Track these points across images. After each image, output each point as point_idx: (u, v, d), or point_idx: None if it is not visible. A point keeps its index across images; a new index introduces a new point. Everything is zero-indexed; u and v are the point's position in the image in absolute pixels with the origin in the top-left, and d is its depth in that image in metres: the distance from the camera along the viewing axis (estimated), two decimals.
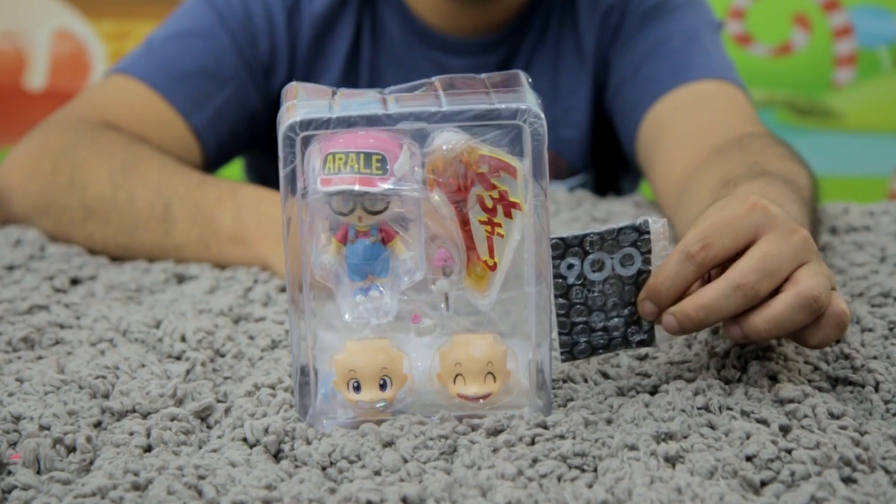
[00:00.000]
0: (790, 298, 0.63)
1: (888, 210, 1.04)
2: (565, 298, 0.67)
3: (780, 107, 2.36)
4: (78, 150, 1.01)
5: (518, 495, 0.57)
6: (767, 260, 0.63)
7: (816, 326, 0.64)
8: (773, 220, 0.65)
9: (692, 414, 0.65)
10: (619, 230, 0.65)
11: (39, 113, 2.58)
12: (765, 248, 0.64)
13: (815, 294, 0.63)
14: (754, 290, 0.63)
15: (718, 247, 0.64)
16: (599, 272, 0.66)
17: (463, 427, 0.64)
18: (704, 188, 0.86)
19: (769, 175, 0.82)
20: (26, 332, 0.80)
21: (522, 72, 0.65)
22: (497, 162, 0.62)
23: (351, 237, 0.63)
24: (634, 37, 1.16)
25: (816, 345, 0.65)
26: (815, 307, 0.63)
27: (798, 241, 0.65)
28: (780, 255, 0.64)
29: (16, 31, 2.39)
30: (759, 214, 0.65)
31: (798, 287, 0.63)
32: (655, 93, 1.11)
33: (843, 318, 0.64)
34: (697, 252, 0.64)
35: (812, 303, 0.63)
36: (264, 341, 0.78)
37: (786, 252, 0.64)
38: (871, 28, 2.33)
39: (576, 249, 0.66)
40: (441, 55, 1.19)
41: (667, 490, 0.57)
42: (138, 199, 0.95)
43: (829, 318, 0.64)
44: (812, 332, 0.64)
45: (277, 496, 0.58)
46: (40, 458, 0.63)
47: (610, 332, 0.68)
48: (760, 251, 0.64)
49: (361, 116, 0.61)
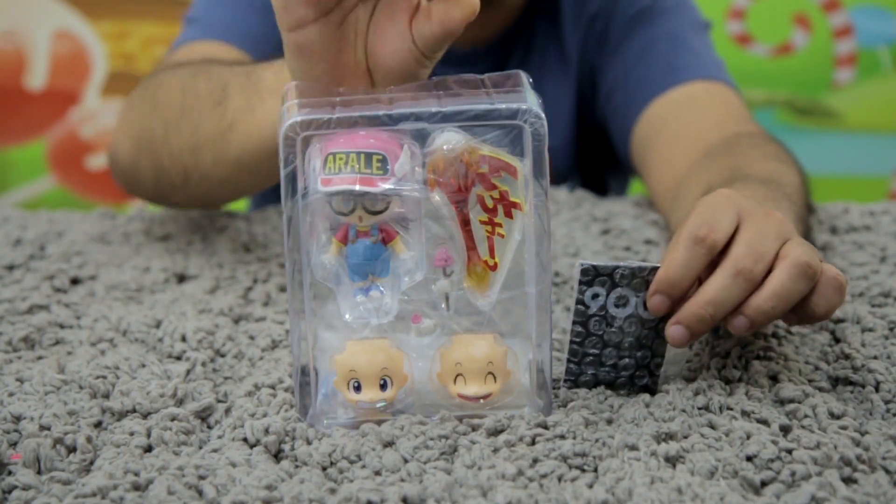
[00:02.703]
0: (785, 269, 0.64)
1: (888, 210, 1.04)
2: (583, 327, 0.67)
3: (780, 107, 2.36)
4: (156, 78, 0.98)
5: (518, 495, 0.57)
6: (755, 243, 0.64)
7: (817, 294, 0.65)
8: (747, 206, 0.67)
9: (693, 414, 0.65)
10: (652, 269, 0.65)
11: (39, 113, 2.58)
12: (749, 233, 0.65)
13: (806, 260, 0.64)
14: (752, 273, 0.64)
15: (721, 228, 0.65)
16: (623, 308, 0.66)
17: (463, 427, 0.64)
18: (691, 196, 0.88)
19: (747, 179, 0.84)
20: (26, 332, 0.80)
21: (523, 72, 0.65)
22: (497, 162, 0.62)
23: (351, 237, 0.64)
24: (622, 43, 1.17)
25: (823, 313, 0.65)
26: (811, 272, 0.64)
27: (775, 221, 0.67)
28: (765, 236, 0.65)
29: (16, 31, 2.39)
30: (734, 201, 0.67)
31: (789, 258, 0.64)
32: (646, 96, 1.11)
33: (840, 280, 0.65)
34: (707, 234, 0.64)
35: (806, 268, 0.64)
36: (265, 341, 0.78)
37: (769, 232, 0.65)
38: (871, 28, 2.33)
39: (604, 279, 0.66)
40: None
41: (667, 490, 0.57)
42: (202, 94, 0.91)
43: (827, 283, 0.65)
44: (815, 301, 0.65)
45: (278, 496, 0.58)
46: (40, 458, 0.63)
47: (619, 370, 0.68)
48: (746, 236, 0.65)
49: (362, 116, 0.61)
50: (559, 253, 0.95)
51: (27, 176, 2.44)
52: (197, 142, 0.90)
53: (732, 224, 0.66)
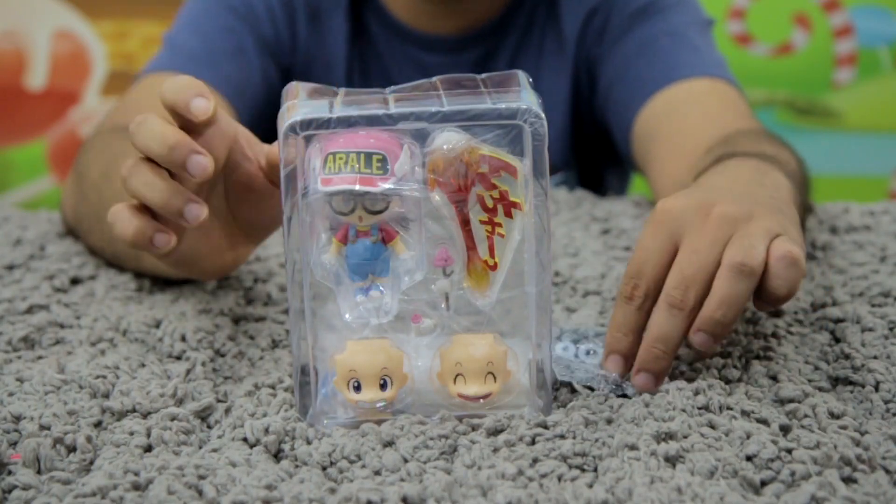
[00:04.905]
0: (722, 276, 0.64)
1: (888, 210, 1.04)
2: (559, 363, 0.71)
3: (780, 107, 2.36)
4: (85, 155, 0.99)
5: (518, 495, 0.57)
6: (684, 268, 0.65)
7: (773, 277, 0.65)
8: (682, 221, 0.67)
9: (692, 414, 0.65)
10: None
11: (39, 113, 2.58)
12: (682, 257, 0.66)
13: (738, 260, 0.64)
14: (683, 302, 0.65)
15: (647, 275, 0.67)
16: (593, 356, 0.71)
17: (463, 427, 0.64)
18: None
19: (735, 155, 0.84)
20: (26, 332, 0.80)
21: (522, 72, 0.65)
22: (497, 162, 0.62)
23: (351, 237, 0.64)
24: (622, 38, 1.16)
25: (786, 293, 0.65)
26: (747, 270, 0.64)
27: (713, 223, 0.66)
28: (697, 256, 0.65)
29: (16, 31, 2.39)
30: (667, 225, 0.67)
31: (724, 262, 0.65)
32: (646, 93, 1.11)
33: (792, 255, 0.65)
34: (631, 292, 0.67)
35: (741, 268, 0.64)
36: (265, 341, 0.78)
37: (702, 247, 0.65)
38: (871, 28, 2.33)
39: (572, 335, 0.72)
40: (418, 52, 1.20)
41: (667, 490, 0.57)
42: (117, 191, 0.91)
43: (778, 263, 0.65)
44: (774, 285, 0.65)
45: (278, 496, 0.58)
46: (40, 458, 0.63)
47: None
48: (678, 263, 0.66)
49: (362, 116, 0.61)
50: (559, 253, 0.95)
51: (27, 176, 2.44)
52: (113, 253, 0.91)
53: (664, 257, 0.67)
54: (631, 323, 0.67)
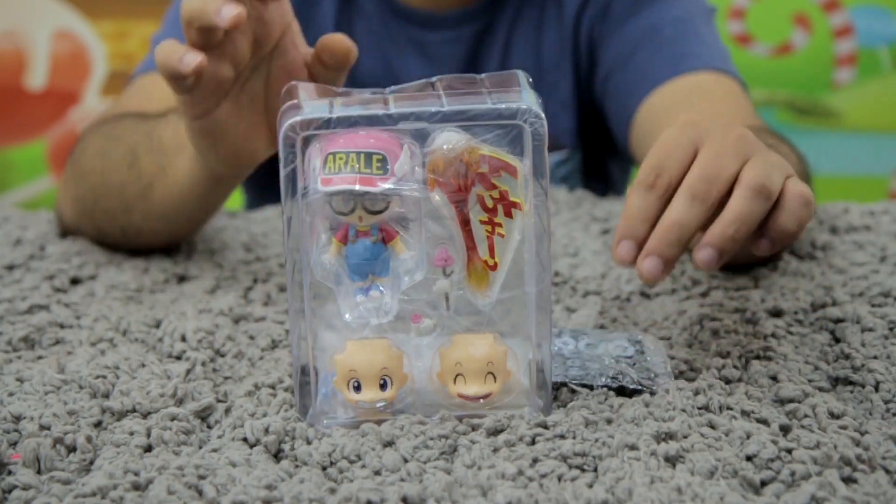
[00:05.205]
0: (740, 192, 0.64)
1: (888, 210, 1.04)
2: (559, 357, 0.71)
3: (780, 107, 2.36)
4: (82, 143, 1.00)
5: (518, 495, 0.57)
6: (709, 166, 0.65)
7: (784, 211, 0.65)
8: (706, 129, 0.68)
9: (692, 414, 0.65)
10: None
11: (39, 113, 2.59)
12: (705, 156, 0.66)
13: (760, 181, 0.64)
14: (707, 194, 0.64)
15: (670, 168, 0.66)
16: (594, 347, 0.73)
17: (463, 427, 0.64)
18: None
19: None
20: (26, 332, 0.80)
21: (522, 72, 0.65)
22: (497, 162, 0.62)
23: (351, 237, 0.64)
24: (625, 21, 1.14)
25: (794, 229, 0.65)
26: (766, 192, 0.64)
27: (734, 138, 0.67)
28: (721, 157, 0.65)
29: (16, 31, 2.39)
30: (690, 130, 0.68)
31: (744, 180, 0.65)
32: (651, 83, 1.09)
33: (806, 196, 0.65)
34: (654, 181, 0.66)
35: (761, 189, 0.64)
36: (264, 341, 0.78)
37: (726, 152, 0.66)
38: (871, 28, 2.33)
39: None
40: (417, 30, 1.19)
41: (667, 490, 0.57)
42: (116, 158, 0.94)
43: (792, 199, 0.65)
44: (783, 218, 0.65)
45: (278, 496, 0.58)
46: (40, 458, 0.63)
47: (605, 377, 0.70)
48: (702, 160, 0.66)
49: (362, 116, 0.61)
50: (559, 253, 0.95)
51: (27, 176, 2.44)
52: (123, 203, 0.94)
53: (687, 155, 0.66)
54: (650, 210, 0.65)
